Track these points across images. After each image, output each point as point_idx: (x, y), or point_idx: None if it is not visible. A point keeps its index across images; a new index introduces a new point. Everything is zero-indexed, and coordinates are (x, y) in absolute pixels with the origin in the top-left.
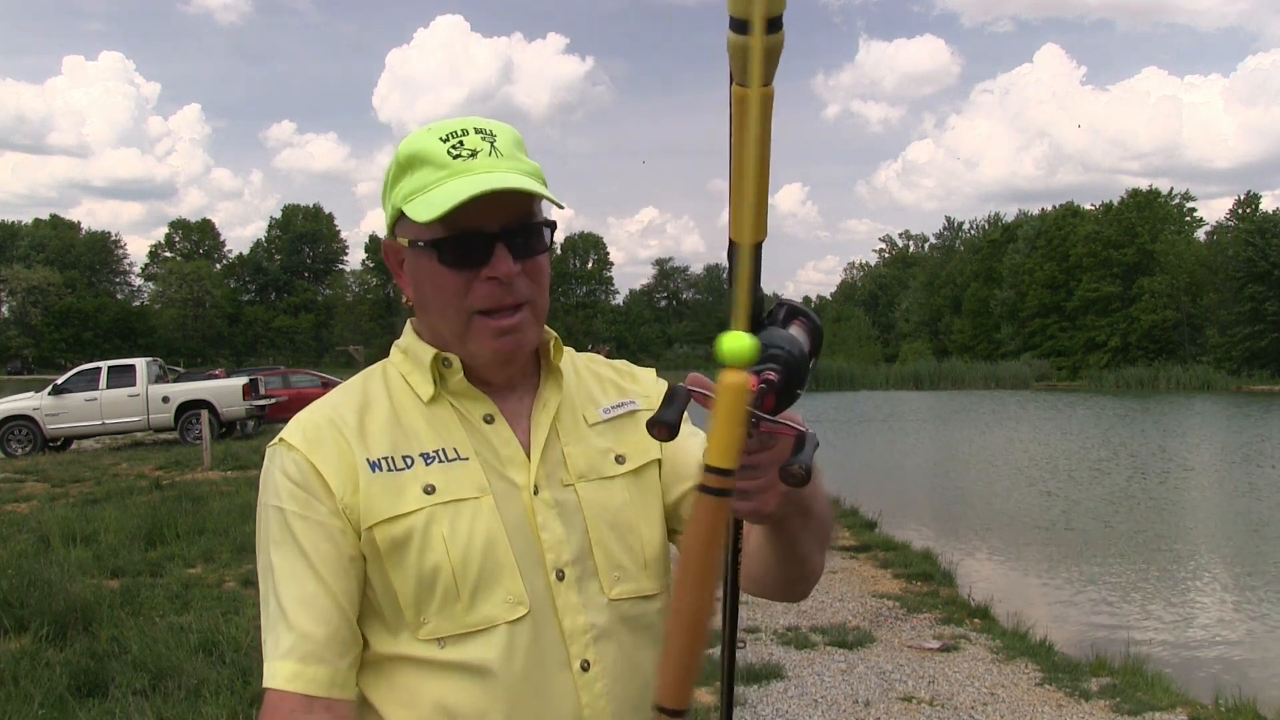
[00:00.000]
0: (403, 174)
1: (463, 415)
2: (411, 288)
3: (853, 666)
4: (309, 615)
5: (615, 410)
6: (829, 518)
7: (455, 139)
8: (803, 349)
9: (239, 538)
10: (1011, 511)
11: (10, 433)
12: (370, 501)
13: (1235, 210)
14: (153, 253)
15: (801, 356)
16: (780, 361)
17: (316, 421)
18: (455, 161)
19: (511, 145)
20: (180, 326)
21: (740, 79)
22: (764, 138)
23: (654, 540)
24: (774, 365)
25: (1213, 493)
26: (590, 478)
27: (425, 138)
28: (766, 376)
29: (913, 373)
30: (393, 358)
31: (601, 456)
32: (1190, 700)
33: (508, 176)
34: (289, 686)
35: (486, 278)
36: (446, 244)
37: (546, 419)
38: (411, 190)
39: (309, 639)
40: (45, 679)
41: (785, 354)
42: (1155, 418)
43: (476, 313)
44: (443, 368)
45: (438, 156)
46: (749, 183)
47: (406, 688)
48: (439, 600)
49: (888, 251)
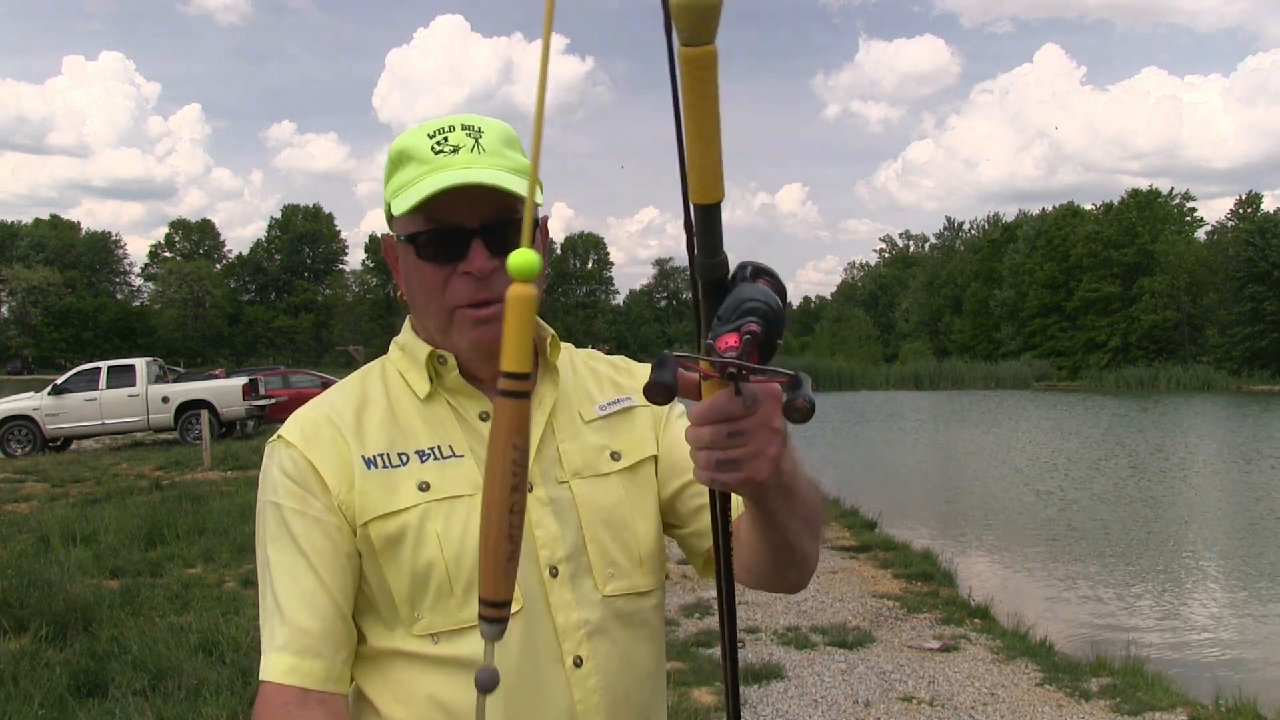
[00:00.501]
0: (394, 170)
1: (458, 413)
2: (403, 283)
3: (853, 666)
4: (304, 610)
5: (611, 407)
6: (815, 500)
7: (441, 135)
8: (777, 300)
9: (239, 538)
10: (1011, 511)
11: (10, 433)
12: (365, 498)
13: (1236, 210)
14: (153, 253)
15: (778, 307)
16: (759, 314)
17: (314, 419)
18: (437, 157)
19: (498, 142)
20: (180, 327)
21: (691, 40)
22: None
23: (649, 536)
24: (754, 318)
25: (1213, 493)
26: (585, 475)
27: (414, 134)
28: (749, 329)
29: (913, 373)
30: (391, 354)
31: (597, 453)
32: (1190, 700)
33: (483, 172)
34: (284, 680)
35: (463, 273)
36: (424, 238)
37: (542, 417)
38: (398, 186)
39: (304, 633)
40: (45, 679)
41: (763, 305)
42: (1155, 418)
43: (457, 307)
44: (438, 365)
45: (422, 152)
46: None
47: (401, 682)
48: (432, 596)
49: (888, 251)
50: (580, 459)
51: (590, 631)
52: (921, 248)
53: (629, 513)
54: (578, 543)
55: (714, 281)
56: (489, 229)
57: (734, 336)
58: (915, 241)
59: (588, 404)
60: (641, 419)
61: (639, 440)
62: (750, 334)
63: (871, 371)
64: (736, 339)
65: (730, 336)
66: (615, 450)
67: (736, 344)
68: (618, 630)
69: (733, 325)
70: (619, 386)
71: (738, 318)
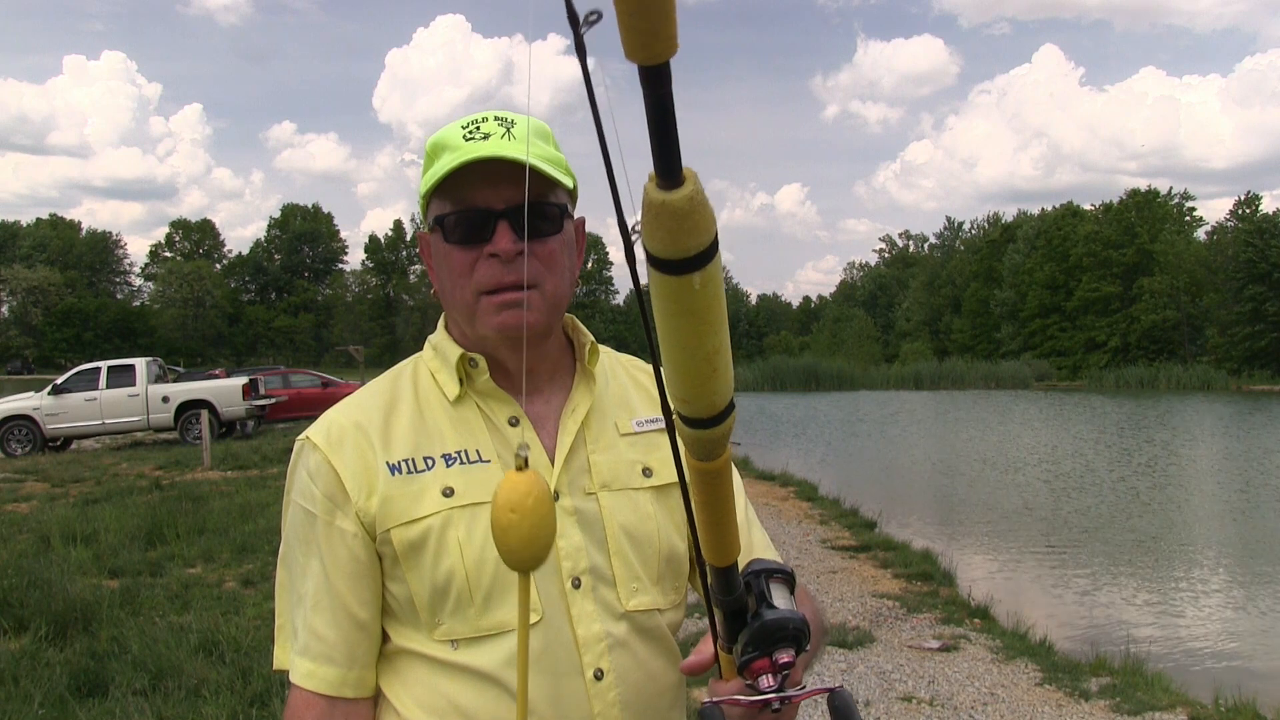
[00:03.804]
0: (429, 163)
1: (487, 416)
2: (436, 278)
3: (853, 666)
4: (320, 617)
5: (649, 425)
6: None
7: (473, 125)
8: (796, 615)
9: (239, 538)
10: (1011, 511)
11: (10, 433)
12: (388, 505)
13: (1235, 211)
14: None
15: (801, 624)
16: (789, 640)
17: (341, 423)
18: (468, 144)
19: (530, 132)
20: (180, 326)
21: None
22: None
23: (674, 555)
24: (785, 645)
25: (1212, 492)
26: (614, 488)
27: (449, 128)
28: (783, 660)
29: (913, 373)
30: (425, 353)
31: (629, 468)
32: (1190, 700)
33: (505, 146)
34: (310, 685)
35: (489, 255)
36: (451, 219)
37: (574, 425)
38: (430, 176)
39: (320, 640)
40: (45, 679)
41: (792, 630)
42: (1155, 418)
43: (483, 293)
44: (469, 368)
45: (454, 141)
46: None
47: (421, 683)
48: (453, 604)
49: (888, 251)
50: (610, 471)
51: (612, 645)
52: (921, 248)
53: (655, 530)
54: (602, 555)
55: (735, 610)
56: (516, 211)
57: (767, 662)
58: (915, 241)
59: (625, 416)
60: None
61: (672, 462)
62: (786, 665)
63: (871, 371)
64: (769, 665)
65: (763, 663)
66: (648, 467)
67: (769, 669)
68: (639, 645)
69: (765, 653)
70: (658, 404)
71: (770, 645)
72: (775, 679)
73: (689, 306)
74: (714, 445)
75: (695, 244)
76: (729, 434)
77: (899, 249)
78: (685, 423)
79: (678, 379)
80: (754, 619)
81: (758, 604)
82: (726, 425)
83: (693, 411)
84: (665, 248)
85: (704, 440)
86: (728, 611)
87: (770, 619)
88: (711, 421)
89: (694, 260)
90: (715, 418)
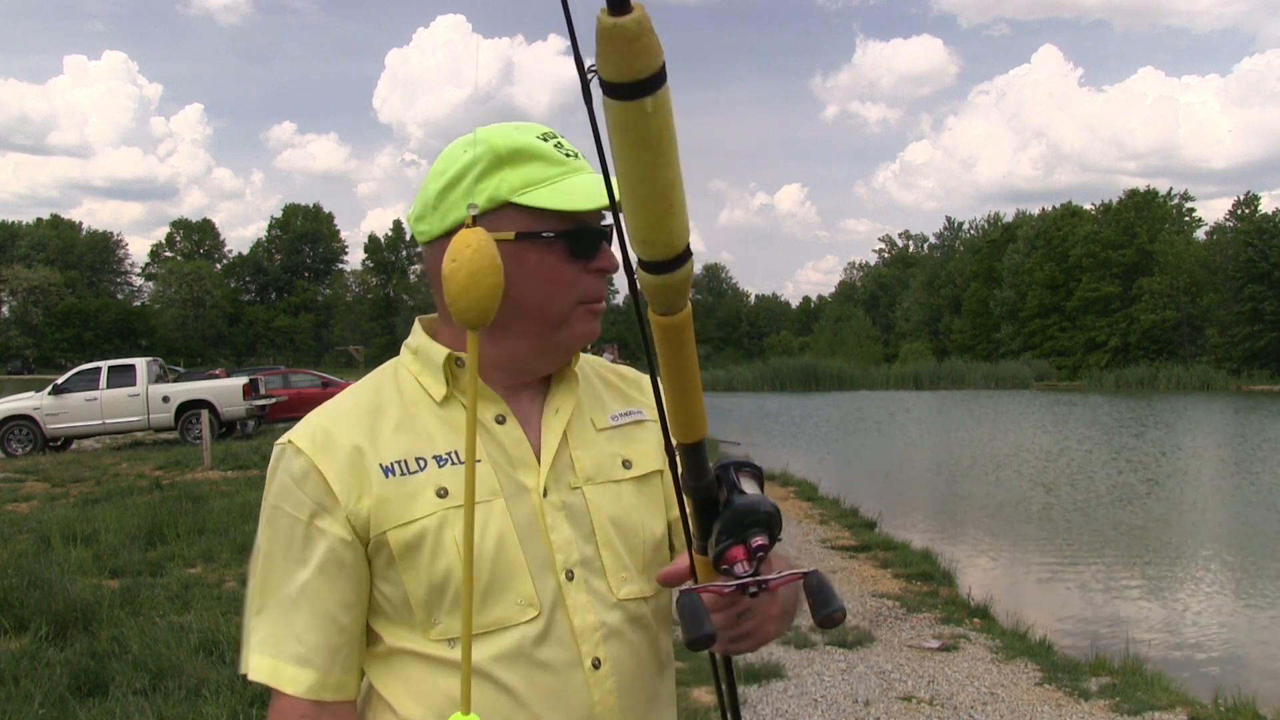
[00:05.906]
0: (502, 166)
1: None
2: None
3: (852, 666)
4: (306, 621)
5: (623, 419)
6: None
7: (553, 139)
8: (767, 500)
9: (239, 538)
10: (1011, 511)
11: (10, 432)
12: (383, 506)
13: (1235, 211)
14: (153, 253)
15: (773, 509)
16: (761, 524)
17: (325, 426)
18: (567, 160)
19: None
20: (180, 326)
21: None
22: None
23: (656, 543)
24: (758, 529)
25: (1212, 492)
26: (597, 481)
27: (522, 135)
28: (758, 544)
29: (913, 373)
30: (402, 357)
31: (610, 460)
32: (1190, 700)
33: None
34: (294, 690)
35: (594, 270)
36: (570, 236)
37: (559, 422)
38: (525, 183)
39: (305, 644)
40: (45, 679)
41: (764, 514)
42: (1155, 417)
43: (582, 302)
44: (455, 368)
45: (548, 153)
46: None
47: (417, 681)
48: (450, 602)
49: (887, 251)
50: (593, 465)
51: (607, 634)
52: (921, 248)
53: (639, 519)
54: (591, 547)
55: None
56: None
57: (741, 549)
58: (915, 241)
59: (600, 412)
60: (651, 433)
61: (649, 453)
62: (761, 548)
63: (871, 371)
64: (743, 552)
65: (737, 549)
66: (627, 459)
67: (743, 556)
68: (631, 632)
69: (738, 539)
70: (629, 399)
71: (742, 530)
72: (750, 564)
73: (643, 135)
74: (674, 294)
75: (646, 66)
76: (688, 281)
77: (899, 249)
78: (646, 269)
79: (637, 217)
80: (725, 506)
81: (729, 493)
82: (685, 270)
83: (652, 254)
84: (619, 71)
85: (665, 288)
86: (699, 501)
87: (741, 503)
88: (671, 265)
89: (645, 84)
90: (674, 260)
